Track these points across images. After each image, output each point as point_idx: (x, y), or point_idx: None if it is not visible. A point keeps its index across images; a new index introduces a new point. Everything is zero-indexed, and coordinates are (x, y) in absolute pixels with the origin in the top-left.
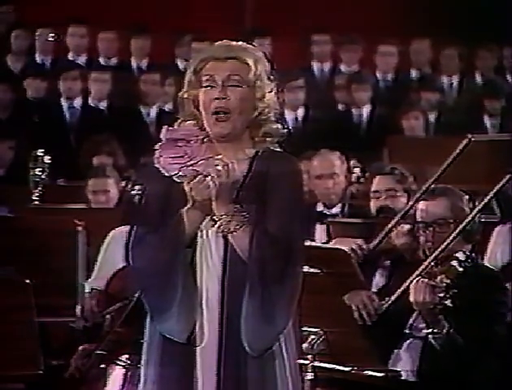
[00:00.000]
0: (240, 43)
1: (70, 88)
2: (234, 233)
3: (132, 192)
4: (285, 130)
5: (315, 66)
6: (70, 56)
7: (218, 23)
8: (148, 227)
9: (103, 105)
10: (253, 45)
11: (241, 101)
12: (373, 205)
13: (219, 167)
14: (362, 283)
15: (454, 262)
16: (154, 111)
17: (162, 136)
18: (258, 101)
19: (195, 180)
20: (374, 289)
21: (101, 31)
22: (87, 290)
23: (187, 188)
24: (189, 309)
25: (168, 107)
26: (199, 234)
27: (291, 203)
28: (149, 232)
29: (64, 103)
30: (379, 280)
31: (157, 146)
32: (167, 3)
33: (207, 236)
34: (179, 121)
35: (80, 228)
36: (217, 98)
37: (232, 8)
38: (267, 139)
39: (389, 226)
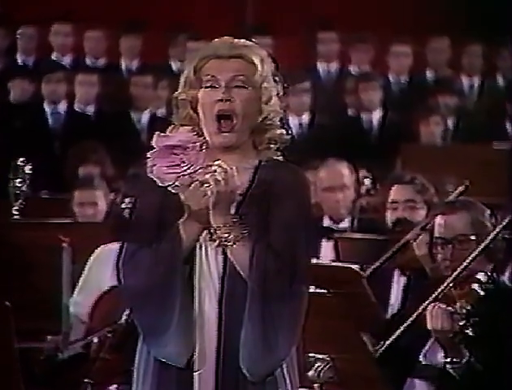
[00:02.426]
0: (243, 40)
1: (54, 92)
2: (233, 247)
3: (122, 205)
4: (289, 136)
5: (321, 67)
6: (54, 56)
7: (217, 20)
8: (141, 241)
9: (90, 109)
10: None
11: (246, 104)
12: (389, 217)
13: (218, 176)
14: (374, 305)
15: (475, 286)
16: (145, 117)
17: (154, 143)
18: (263, 105)
19: (190, 188)
20: (388, 310)
21: (87, 29)
22: (71, 310)
23: (182, 197)
24: (188, 330)
25: (161, 112)
26: (197, 249)
27: (297, 217)
28: (142, 247)
29: (47, 108)
30: (394, 302)
31: (149, 154)
32: None
33: (206, 250)
34: (172, 126)
35: (65, 245)
36: (220, 100)
37: (233, 4)
38: (272, 146)
39: (401, 242)
